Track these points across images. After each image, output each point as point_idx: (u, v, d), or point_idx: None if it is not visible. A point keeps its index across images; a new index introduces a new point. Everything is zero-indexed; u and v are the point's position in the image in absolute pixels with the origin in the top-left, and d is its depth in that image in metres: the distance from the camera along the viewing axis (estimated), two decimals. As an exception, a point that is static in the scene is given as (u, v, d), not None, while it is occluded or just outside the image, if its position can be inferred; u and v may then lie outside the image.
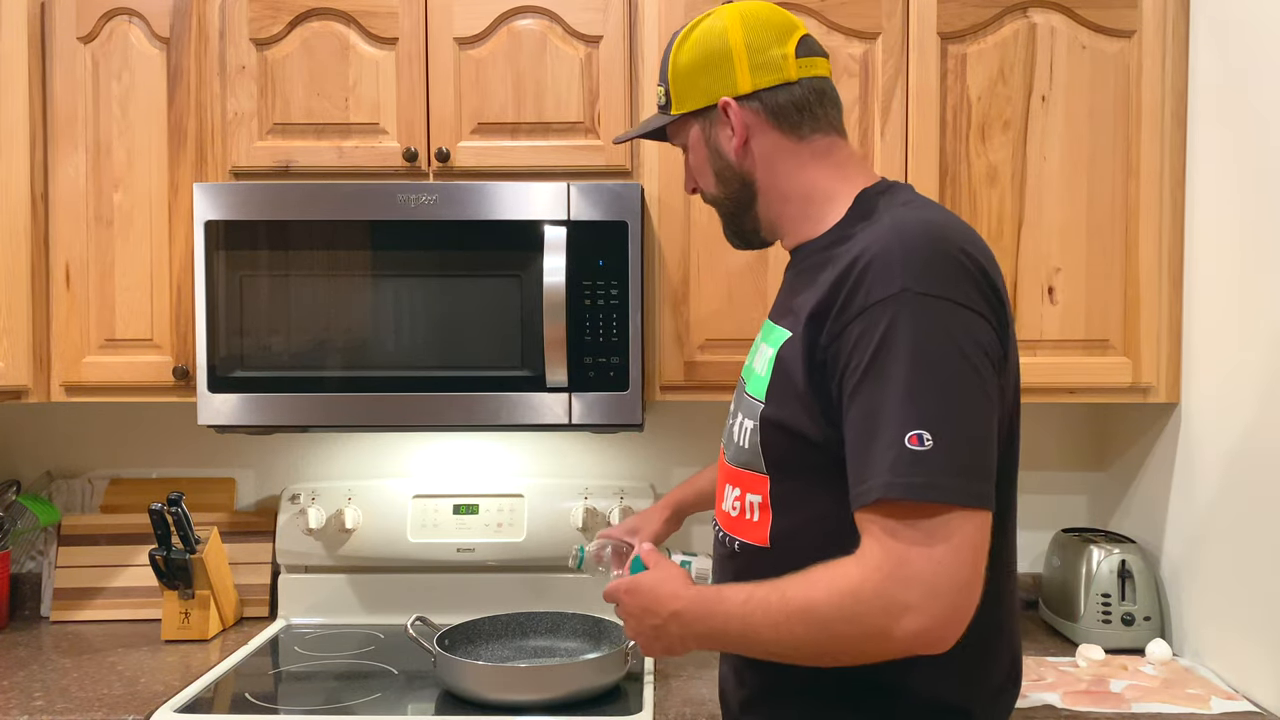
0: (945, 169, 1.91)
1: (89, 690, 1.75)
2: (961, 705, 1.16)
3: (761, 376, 1.21)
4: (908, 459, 1.01)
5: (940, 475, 1.01)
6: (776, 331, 1.22)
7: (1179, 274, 1.92)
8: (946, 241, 1.10)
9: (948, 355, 1.05)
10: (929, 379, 1.03)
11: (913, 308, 1.05)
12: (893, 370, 1.04)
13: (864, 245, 1.11)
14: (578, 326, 1.85)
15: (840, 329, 1.09)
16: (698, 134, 1.31)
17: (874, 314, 1.06)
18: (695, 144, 1.32)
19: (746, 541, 1.23)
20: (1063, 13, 1.90)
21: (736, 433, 1.26)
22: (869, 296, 1.07)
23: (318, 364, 1.89)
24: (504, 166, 1.95)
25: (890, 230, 1.12)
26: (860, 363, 1.06)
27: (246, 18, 1.95)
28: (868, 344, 1.06)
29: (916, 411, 1.02)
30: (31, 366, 1.95)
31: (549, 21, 1.95)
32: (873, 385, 1.05)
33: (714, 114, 1.28)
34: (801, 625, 1.07)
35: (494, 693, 1.67)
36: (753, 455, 1.21)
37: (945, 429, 1.02)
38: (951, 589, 1.01)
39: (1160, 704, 1.65)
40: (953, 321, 1.06)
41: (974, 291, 1.08)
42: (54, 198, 1.98)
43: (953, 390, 1.04)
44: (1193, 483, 1.89)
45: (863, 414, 1.06)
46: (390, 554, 2.16)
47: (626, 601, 1.26)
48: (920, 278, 1.06)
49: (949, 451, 1.02)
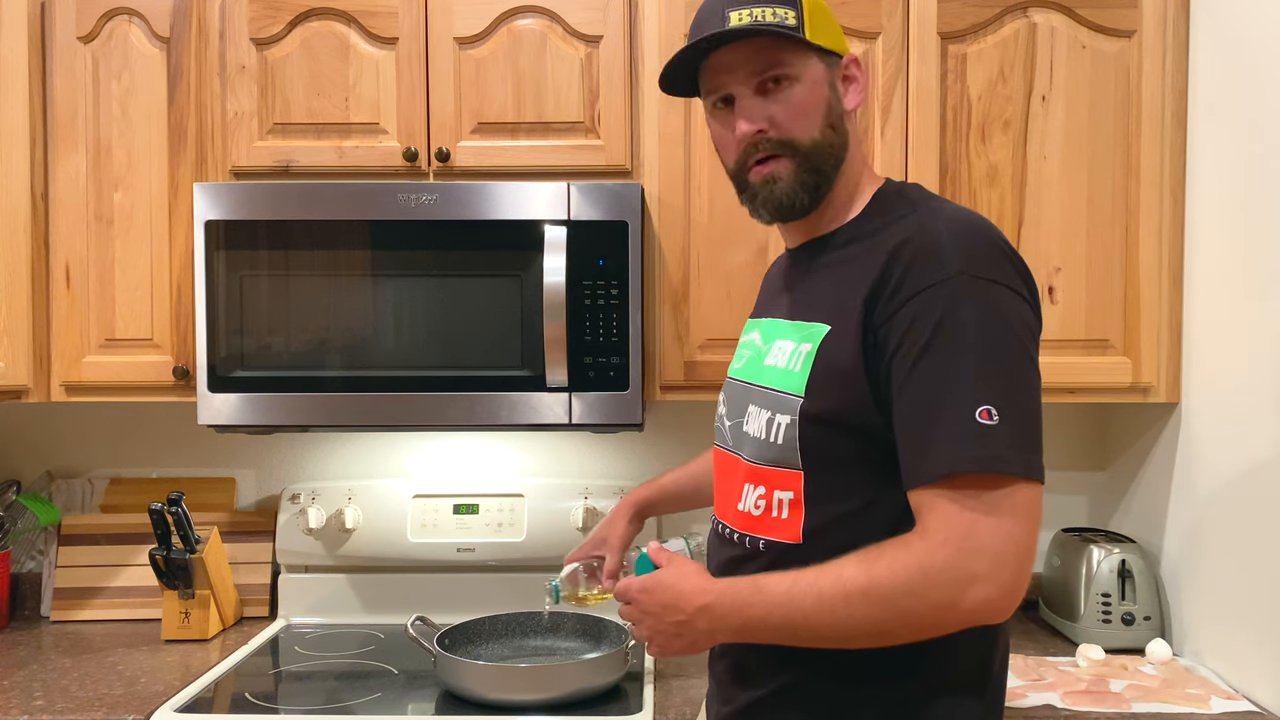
0: (945, 169, 1.91)
1: (89, 690, 1.75)
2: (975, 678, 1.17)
3: (794, 372, 1.19)
4: (976, 433, 1.04)
5: (1006, 449, 1.05)
6: (806, 328, 1.21)
7: (1179, 274, 1.92)
8: (987, 230, 1.14)
9: (1005, 335, 1.08)
10: (991, 357, 1.07)
11: (969, 290, 1.08)
12: (954, 349, 1.07)
13: (908, 233, 1.13)
14: (578, 326, 1.85)
15: (892, 312, 1.10)
16: (821, 72, 1.21)
17: (929, 296, 1.08)
18: (817, 82, 1.21)
19: (774, 539, 1.21)
20: (1063, 12, 1.90)
21: (761, 429, 1.23)
22: (922, 280, 1.09)
23: (318, 364, 1.89)
24: (504, 166, 1.95)
25: (933, 218, 1.15)
26: (916, 344, 1.08)
27: (246, 17, 1.95)
28: (924, 325, 1.08)
29: (982, 388, 1.05)
30: (31, 366, 1.95)
31: (549, 21, 1.95)
32: (932, 364, 1.07)
33: (838, 64, 1.24)
34: (863, 605, 1.06)
35: (494, 693, 1.67)
36: (785, 451, 1.19)
37: (1008, 405, 1.05)
38: (1017, 558, 1.05)
39: (1160, 704, 1.65)
40: (1005, 303, 1.09)
41: (1017, 277, 1.12)
42: (54, 197, 1.98)
43: (1011, 368, 1.08)
44: (1193, 483, 1.89)
45: (922, 392, 1.08)
46: (390, 554, 2.16)
47: (643, 600, 1.23)
48: (971, 262, 1.09)
49: (1012, 426, 1.05)
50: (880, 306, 1.12)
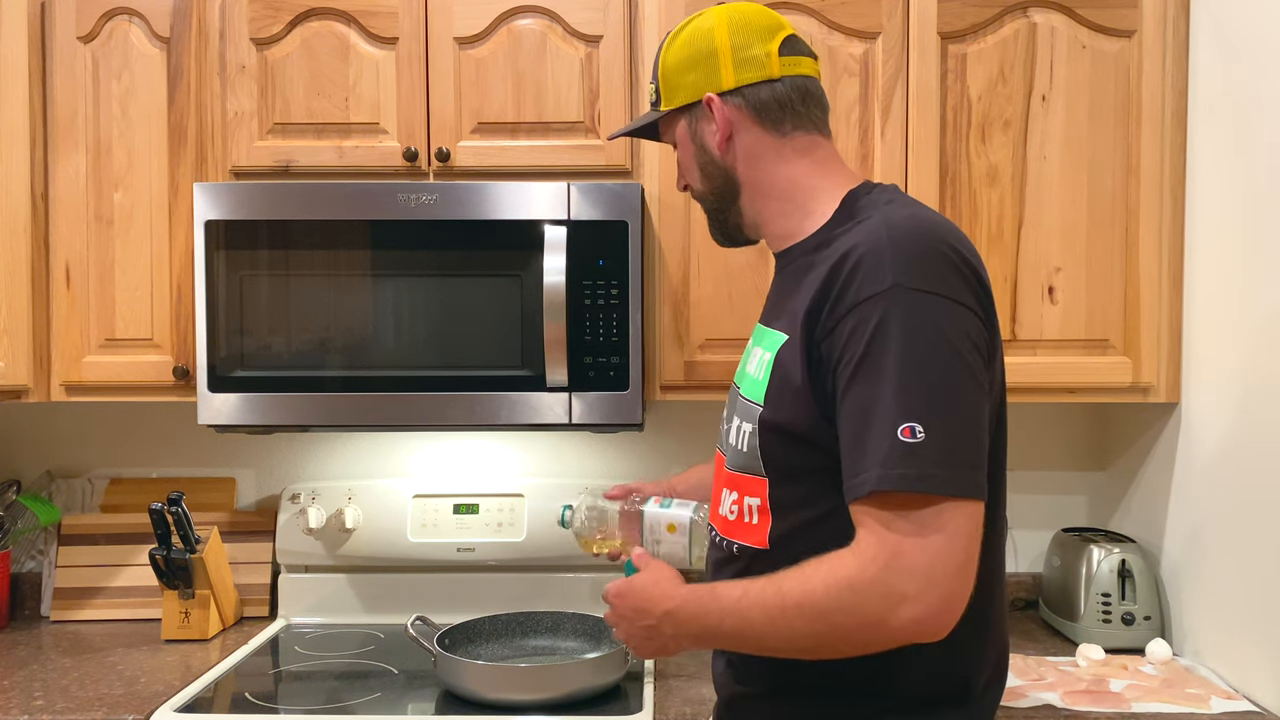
0: (945, 169, 1.91)
1: (89, 690, 1.75)
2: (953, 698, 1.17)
3: (758, 380, 1.22)
4: (900, 451, 1.03)
5: (932, 466, 1.03)
6: (771, 335, 1.23)
7: (1179, 274, 1.92)
8: (934, 237, 1.13)
9: (937, 348, 1.06)
10: (919, 372, 1.05)
11: (903, 302, 1.07)
12: (884, 364, 1.06)
13: (854, 242, 1.13)
14: (578, 326, 1.86)
15: (833, 325, 1.11)
16: (684, 130, 1.35)
17: (865, 309, 1.08)
18: (682, 140, 1.36)
19: (745, 544, 1.23)
20: (1063, 12, 1.90)
21: (734, 437, 1.27)
22: (860, 292, 1.09)
23: (318, 364, 1.89)
24: (504, 166, 1.95)
25: (879, 226, 1.14)
26: (853, 357, 1.08)
27: (246, 17, 1.95)
28: (860, 339, 1.07)
29: (908, 404, 1.04)
30: (31, 366, 1.95)
31: (549, 21, 1.95)
32: (865, 379, 1.07)
33: (699, 110, 1.32)
34: (799, 618, 1.08)
35: (494, 692, 1.67)
36: (751, 459, 1.21)
37: (936, 421, 1.04)
38: (946, 577, 1.03)
39: (1160, 704, 1.65)
40: (942, 315, 1.08)
41: (962, 286, 1.10)
42: (54, 197, 1.98)
43: (943, 383, 1.06)
44: (1193, 483, 1.89)
45: (856, 408, 1.08)
46: (390, 554, 2.16)
47: (619, 605, 1.28)
48: (910, 273, 1.08)
49: (940, 443, 1.03)
50: (822, 320, 1.12)
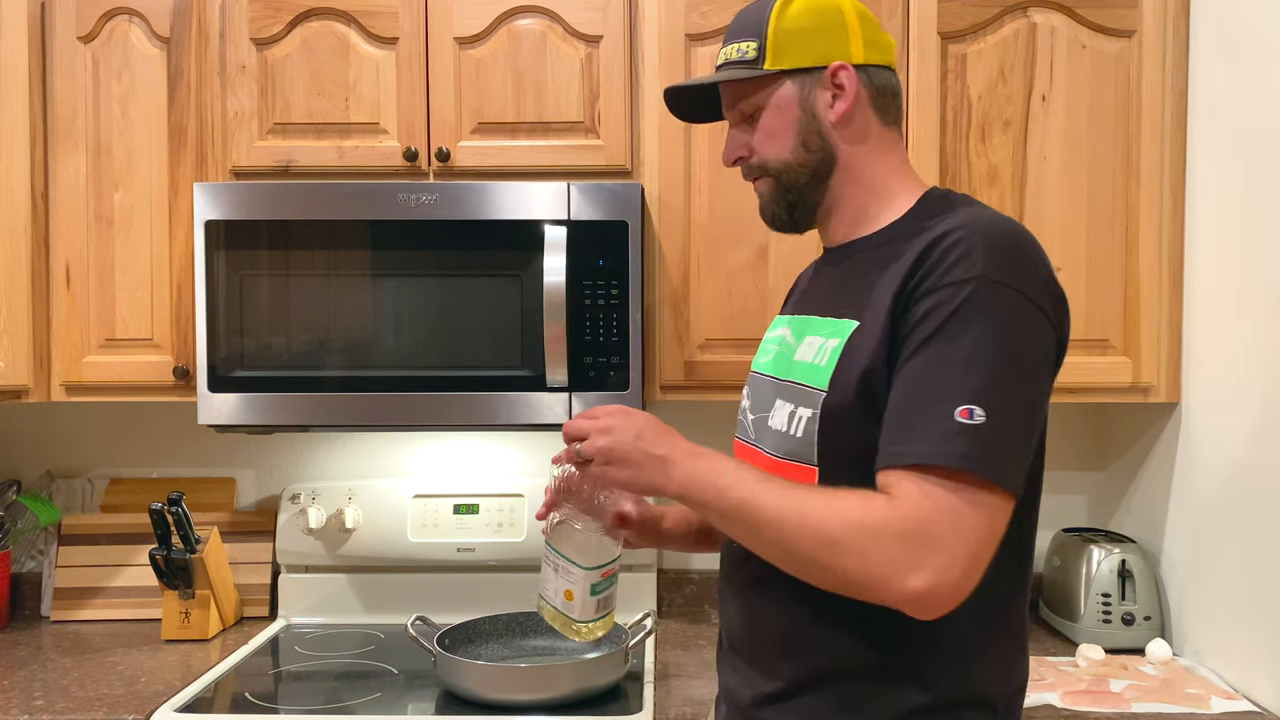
0: (945, 169, 1.91)
1: (89, 690, 1.76)
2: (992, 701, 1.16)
3: (820, 366, 1.19)
4: (955, 429, 1.03)
5: (983, 450, 1.02)
6: (833, 324, 1.21)
7: (1179, 274, 1.92)
8: (1025, 241, 1.13)
9: (1012, 344, 1.07)
10: (989, 360, 1.05)
11: (989, 293, 1.07)
12: (955, 345, 1.06)
13: (947, 228, 1.13)
14: (578, 326, 1.86)
15: (913, 303, 1.10)
16: (791, 94, 1.25)
17: (948, 292, 1.08)
18: (783, 104, 1.25)
19: None
20: (1063, 12, 1.90)
21: (781, 422, 1.23)
22: (945, 276, 1.09)
23: (318, 364, 1.89)
24: (504, 166, 1.95)
25: (974, 219, 1.14)
26: (925, 333, 1.07)
27: (246, 17, 1.95)
28: (935, 318, 1.07)
29: (972, 387, 1.04)
30: (31, 366, 1.95)
31: (549, 21, 1.95)
32: (931, 353, 1.07)
33: (817, 76, 1.25)
34: (806, 534, 1.05)
35: (494, 693, 1.67)
36: (804, 445, 1.18)
37: (995, 410, 1.03)
38: (967, 559, 1.02)
39: (1160, 704, 1.65)
40: (1021, 314, 1.08)
41: (1044, 293, 1.11)
42: (54, 197, 1.98)
43: (1008, 376, 1.06)
44: (1193, 483, 1.89)
45: (915, 378, 1.07)
46: (390, 554, 2.16)
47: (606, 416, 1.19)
48: (999, 268, 1.08)
49: (994, 432, 1.03)
50: (903, 301, 1.12)
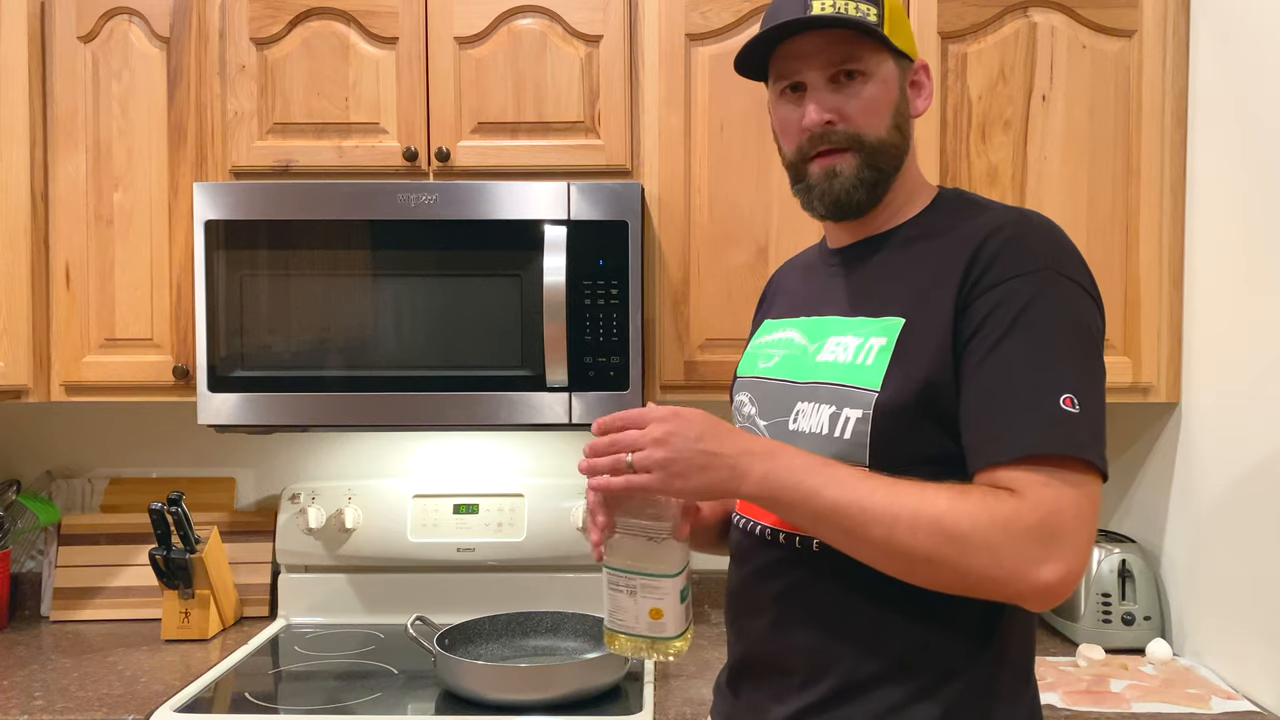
0: (945, 168, 1.91)
1: (89, 690, 1.75)
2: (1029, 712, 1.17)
3: (866, 366, 1.15)
4: (1061, 418, 1.03)
5: (1087, 436, 1.04)
6: (871, 323, 1.17)
7: (1179, 274, 1.92)
8: (1065, 235, 1.15)
9: (1085, 332, 1.09)
10: (1074, 349, 1.07)
11: (1055, 285, 1.08)
12: (1041, 337, 1.06)
13: (998, 224, 1.13)
14: (578, 326, 1.86)
15: (974, 299, 1.10)
16: (893, 73, 1.20)
17: (1013, 286, 1.08)
18: (890, 80, 1.20)
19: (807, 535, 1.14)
20: (1063, 12, 1.90)
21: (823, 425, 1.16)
22: (1009, 269, 1.09)
23: (318, 363, 1.89)
24: (504, 166, 1.95)
25: (1020, 215, 1.16)
26: (998, 329, 1.07)
27: (246, 17, 1.95)
28: (1008, 312, 1.07)
29: (1067, 377, 1.05)
30: (31, 366, 1.95)
31: (549, 21, 1.95)
32: (1015, 350, 1.06)
33: (909, 66, 1.23)
34: (928, 530, 1.01)
35: (494, 693, 1.67)
36: (853, 447, 1.13)
37: (1088, 399, 1.05)
38: (1088, 547, 1.03)
39: (1160, 704, 1.65)
40: (1085, 305, 1.10)
41: (1093, 285, 1.13)
42: (54, 197, 1.98)
43: (1090, 365, 1.08)
44: (1193, 483, 1.89)
45: (1002, 375, 1.06)
46: (390, 554, 2.16)
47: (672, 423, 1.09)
48: (1059, 260, 1.10)
49: (1090, 420, 1.05)
50: (961, 297, 1.11)
